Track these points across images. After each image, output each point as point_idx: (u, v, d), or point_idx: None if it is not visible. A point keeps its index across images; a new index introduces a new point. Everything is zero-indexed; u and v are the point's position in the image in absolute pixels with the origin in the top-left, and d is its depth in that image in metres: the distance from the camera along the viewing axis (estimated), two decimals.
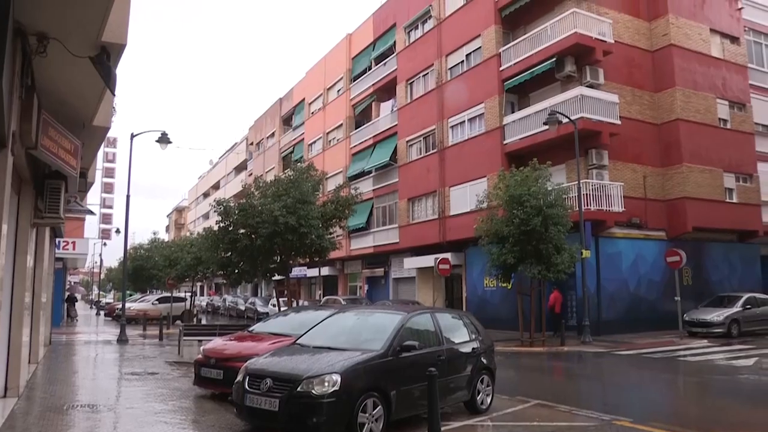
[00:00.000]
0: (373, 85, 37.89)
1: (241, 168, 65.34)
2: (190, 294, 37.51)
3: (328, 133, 44.05)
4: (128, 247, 28.25)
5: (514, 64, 26.24)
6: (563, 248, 19.49)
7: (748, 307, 23.09)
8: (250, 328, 12.29)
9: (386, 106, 37.11)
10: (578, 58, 24.35)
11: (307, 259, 23.99)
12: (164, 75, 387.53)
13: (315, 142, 46.18)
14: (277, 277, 25.48)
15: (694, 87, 26.76)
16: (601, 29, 24.54)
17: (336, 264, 41.17)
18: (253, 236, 21.13)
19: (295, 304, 27.69)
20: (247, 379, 7.55)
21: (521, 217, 18.97)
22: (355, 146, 39.53)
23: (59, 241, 24.84)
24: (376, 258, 36.96)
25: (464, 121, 29.39)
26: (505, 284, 21.92)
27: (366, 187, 36.31)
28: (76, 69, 7.32)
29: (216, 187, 74.38)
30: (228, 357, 10.16)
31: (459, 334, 9.56)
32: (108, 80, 7.18)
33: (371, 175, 37.11)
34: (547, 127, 22.37)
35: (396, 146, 34.72)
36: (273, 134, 55.91)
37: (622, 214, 23.90)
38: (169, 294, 36.15)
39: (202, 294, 63.49)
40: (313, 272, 39.18)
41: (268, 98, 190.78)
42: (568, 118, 22.08)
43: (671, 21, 26.48)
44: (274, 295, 33.58)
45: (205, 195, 78.60)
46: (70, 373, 14.30)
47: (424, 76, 33.10)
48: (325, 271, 39.89)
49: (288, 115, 53.18)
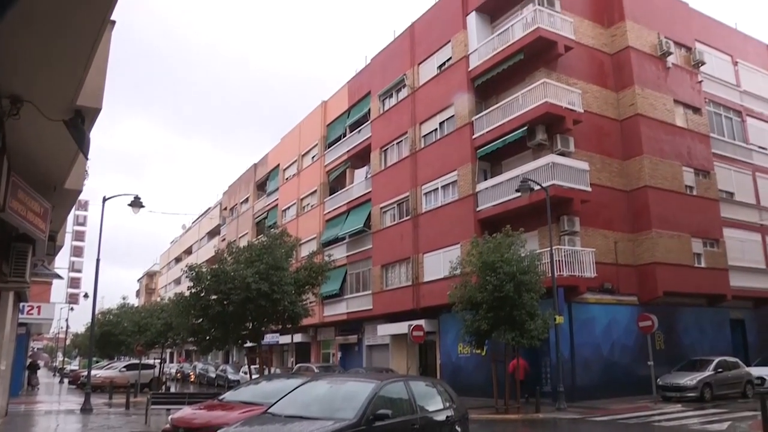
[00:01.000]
0: (348, 151, 38.31)
1: (214, 233, 64.83)
2: (159, 361, 36.52)
3: (302, 199, 44.11)
4: (96, 312, 27.57)
5: (487, 132, 26.72)
6: (536, 314, 19.48)
7: (720, 370, 23.22)
8: (221, 397, 11.97)
9: (360, 173, 37.41)
10: (549, 126, 24.91)
11: (280, 326, 23.69)
12: (139, 136, 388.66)
13: (289, 207, 46.18)
14: (249, 344, 24.99)
15: (660, 155, 27.50)
16: (570, 99, 25.22)
17: (309, 331, 40.54)
18: (225, 302, 20.84)
19: (267, 372, 27.12)
20: None
21: (494, 284, 18.97)
22: (329, 212, 39.61)
23: (23, 306, 24.23)
24: (349, 325, 36.52)
25: (438, 188, 29.69)
26: (479, 351, 21.75)
27: (340, 253, 36.23)
28: (49, 131, 7.30)
29: (188, 251, 73.55)
30: (197, 427, 9.82)
31: (433, 402, 9.39)
32: (81, 144, 7.18)
33: (345, 241, 37.05)
34: (519, 194, 22.71)
35: (370, 212, 34.84)
36: (247, 200, 55.85)
37: (595, 280, 24.07)
38: (137, 361, 35.18)
39: (171, 361, 61.89)
40: (285, 339, 38.51)
41: (243, 164, 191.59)
42: (540, 185, 22.47)
43: (637, 92, 27.40)
44: (246, 362, 32.85)
45: (177, 260, 77.60)
46: None
47: (398, 143, 33.56)
48: (298, 338, 39.21)
49: (262, 180, 53.28)
